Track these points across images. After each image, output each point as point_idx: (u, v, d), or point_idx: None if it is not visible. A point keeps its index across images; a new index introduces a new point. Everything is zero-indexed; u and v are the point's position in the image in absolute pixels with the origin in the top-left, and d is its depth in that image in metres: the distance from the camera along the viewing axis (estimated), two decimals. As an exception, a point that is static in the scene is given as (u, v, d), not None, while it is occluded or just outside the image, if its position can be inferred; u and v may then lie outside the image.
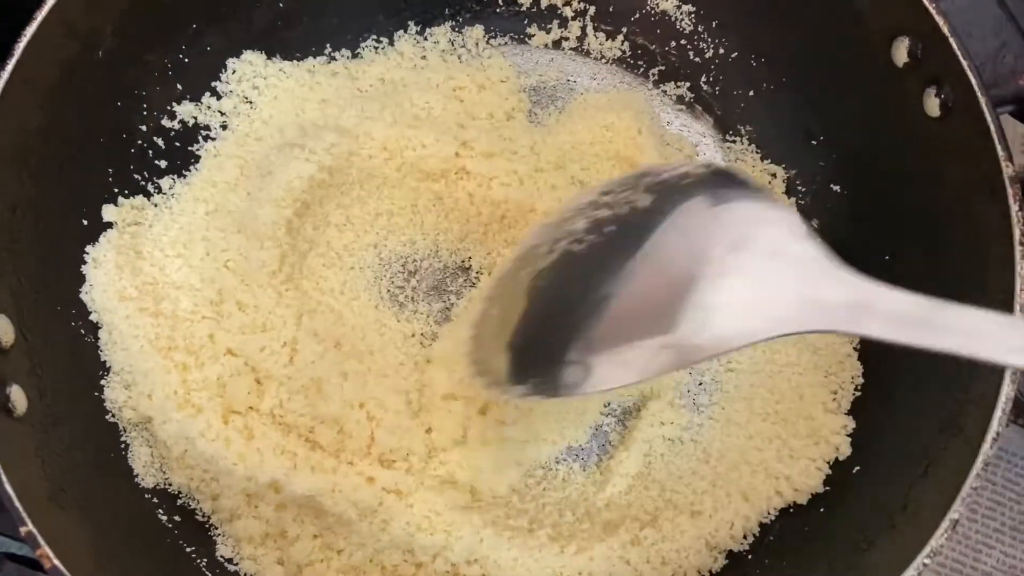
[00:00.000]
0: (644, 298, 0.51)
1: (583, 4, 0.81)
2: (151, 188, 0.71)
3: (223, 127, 0.74)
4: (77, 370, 0.64)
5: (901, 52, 0.64)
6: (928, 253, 0.64)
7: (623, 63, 0.81)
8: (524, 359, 0.56)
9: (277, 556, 0.64)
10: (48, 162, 0.63)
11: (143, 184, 0.71)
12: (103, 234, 0.68)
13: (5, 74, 0.58)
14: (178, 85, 0.73)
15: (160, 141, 0.72)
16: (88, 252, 0.67)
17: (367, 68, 0.78)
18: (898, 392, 0.64)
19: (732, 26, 0.79)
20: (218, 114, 0.74)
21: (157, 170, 0.72)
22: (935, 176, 0.63)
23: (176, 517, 0.64)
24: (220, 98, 0.74)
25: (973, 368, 0.57)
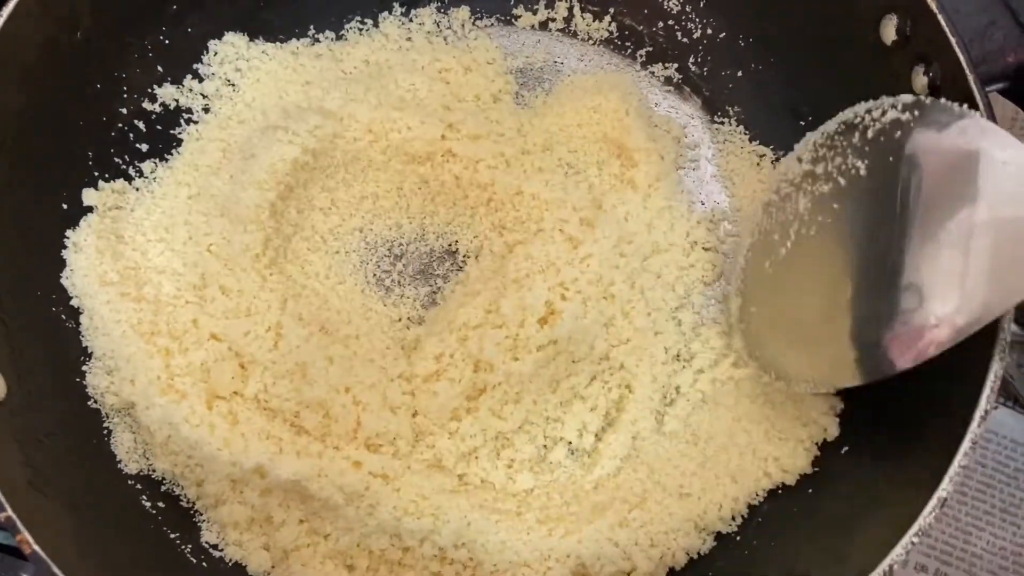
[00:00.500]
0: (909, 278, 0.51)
1: (570, -16, 0.80)
2: (132, 172, 0.70)
3: (205, 110, 0.73)
4: (58, 356, 0.63)
5: (889, 30, 0.63)
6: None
7: (610, 44, 0.80)
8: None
9: (263, 542, 0.64)
10: (26, 145, 0.62)
11: (124, 168, 0.70)
12: (84, 218, 0.67)
13: (-20, 56, 0.57)
14: (159, 67, 0.72)
15: (141, 124, 0.71)
16: (68, 237, 0.66)
17: (351, 50, 0.77)
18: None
19: (720, 6, 0.78)
20: (200, 97, 0.73)
21: (138, 154, 0.71)
22: (923, 155, 0.62)
23: (160, 503, 0.64)
24: (202, 81, 0.74)
25: (961, 347, 0.56)
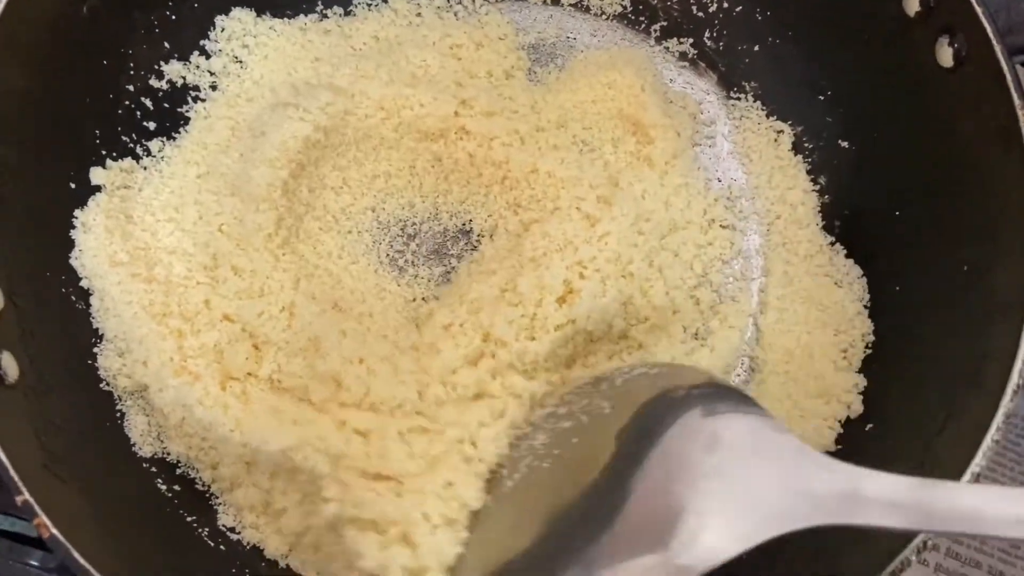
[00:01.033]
0: (631, 516, 0.46)
1: (582, -42, 0.79)
2: (140, 151, 0.69)
3: (213, 87, 0.72)
4: (69, 337, 0.62)
5: (912, 1, 0.62)
6: (939, 208, 0.63)
7: (624, 19, 0.79)
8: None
9: (278, 525, 0.63)
10: (33, 124, 0.61)
11: (131, 147, 0.69)
12: (92, 198, 0.65)
13: (-14, 32, 0.56)
14: (165, 44, 0.70)
15: (148, 102, 0.70)
16: (77, 216, 0.64)
17: (360, 26, 0.76)
18: (911, 349, 0.63)
19: (736, -22, 0.77)
20: (207, 74, 0.72)
21: (146, 132, 0.69)
22: (948, 129, 0.61)
23: (176, 487, 0.63)
24: (209, 57, 0.72)
25: (990, 321, 0.56)
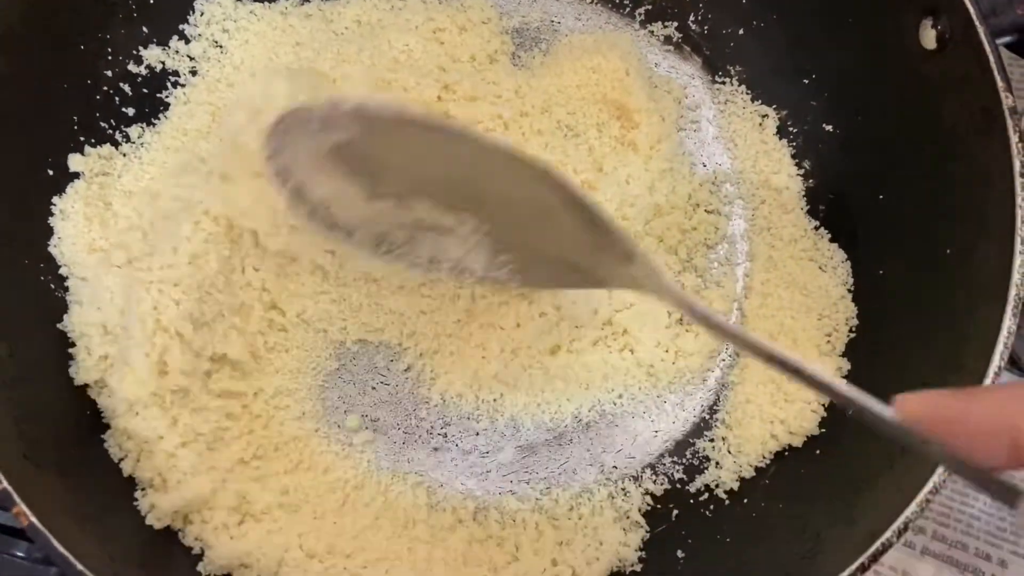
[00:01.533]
0: None
1: (565, -60, 0.78)
2: (119, 137, 0.68)
3: (192, 72, 0.71)
4: (48, 326, 0.61)
5: (896, -18, 0.62)
6: (923, 191, 0.63)
7: (608, 2, 0.78)
8: None
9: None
10: (9, 109, 0.60)
11: (110, 133, 0.68)
12: (70, 185, 0.65)
13: (-41, 15, 0.55)
14: (144, 28, 0.69)
15: (127, 87, 0.69)
16: (55, 204, 0.64)
17: (342, 10, 0.75)
18: (894, 332, 0.63)
19: (720, -39, 0.76)
20: (187, 59, 0.71)
21: (124, 118, 0.68)
22: (932, 111, 0.61)
23: (157, 476, 0.62)
24: (188, 42, 0.71)
25: (972, 304, 0.56)
